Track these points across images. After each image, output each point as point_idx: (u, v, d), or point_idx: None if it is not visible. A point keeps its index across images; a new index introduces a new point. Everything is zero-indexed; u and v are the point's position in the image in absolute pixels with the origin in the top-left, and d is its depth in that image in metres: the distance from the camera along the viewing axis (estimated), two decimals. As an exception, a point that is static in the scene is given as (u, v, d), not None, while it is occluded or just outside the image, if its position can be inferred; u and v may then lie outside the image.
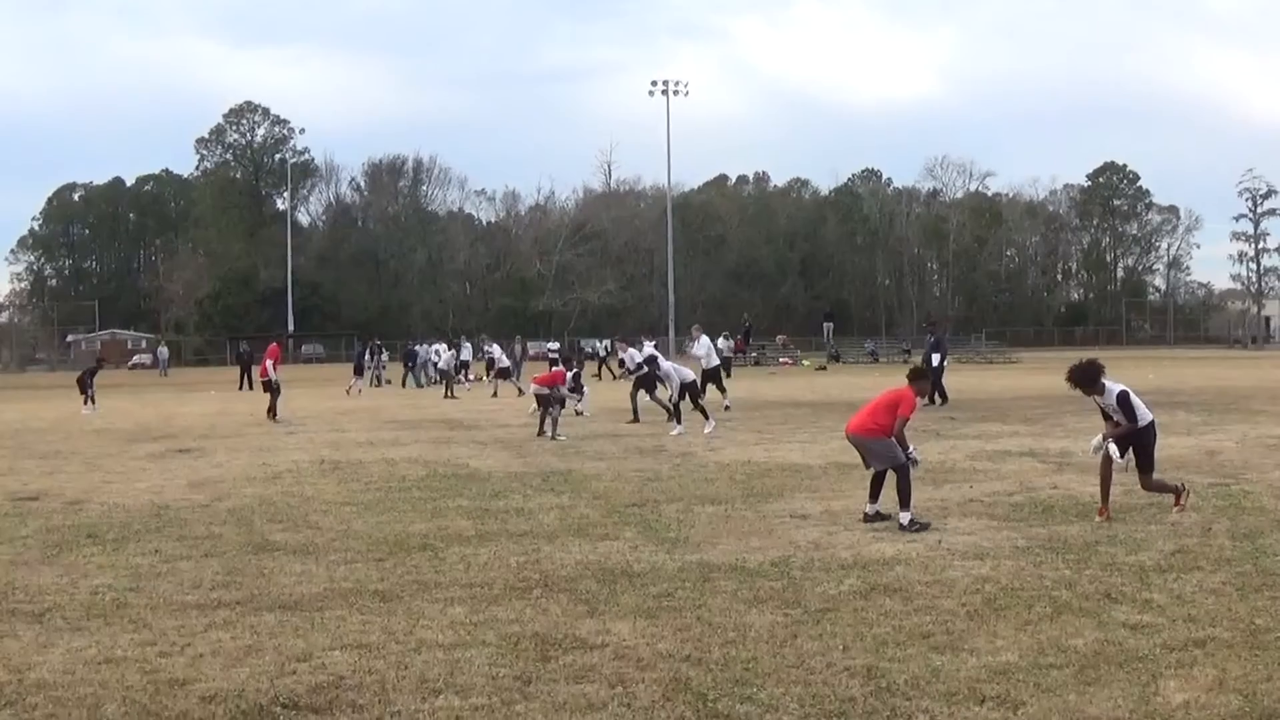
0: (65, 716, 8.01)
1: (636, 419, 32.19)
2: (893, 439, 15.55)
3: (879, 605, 10.37)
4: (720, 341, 39.80)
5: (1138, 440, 15.16)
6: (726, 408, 36.00)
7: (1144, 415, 15.13)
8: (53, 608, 11.19)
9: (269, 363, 38.04)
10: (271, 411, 36.06)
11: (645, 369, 33.55)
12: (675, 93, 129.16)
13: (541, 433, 28.02)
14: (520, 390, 46.88)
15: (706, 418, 28.48)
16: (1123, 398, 14.96)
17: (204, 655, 9.38)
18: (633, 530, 14.61)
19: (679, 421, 28.42)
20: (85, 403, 46.22)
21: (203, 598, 11.42)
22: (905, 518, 14.63)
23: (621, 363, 38.63)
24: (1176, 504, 15.22)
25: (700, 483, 18.98)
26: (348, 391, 53.54)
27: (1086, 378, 15.11)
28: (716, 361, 38.47)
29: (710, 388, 36.14)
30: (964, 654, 8.85)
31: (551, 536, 14.32)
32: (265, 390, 38.14)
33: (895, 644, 9.14)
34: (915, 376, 16.48)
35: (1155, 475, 15.48)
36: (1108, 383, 15.09)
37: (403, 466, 22.57)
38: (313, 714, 7.92)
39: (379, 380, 65.88)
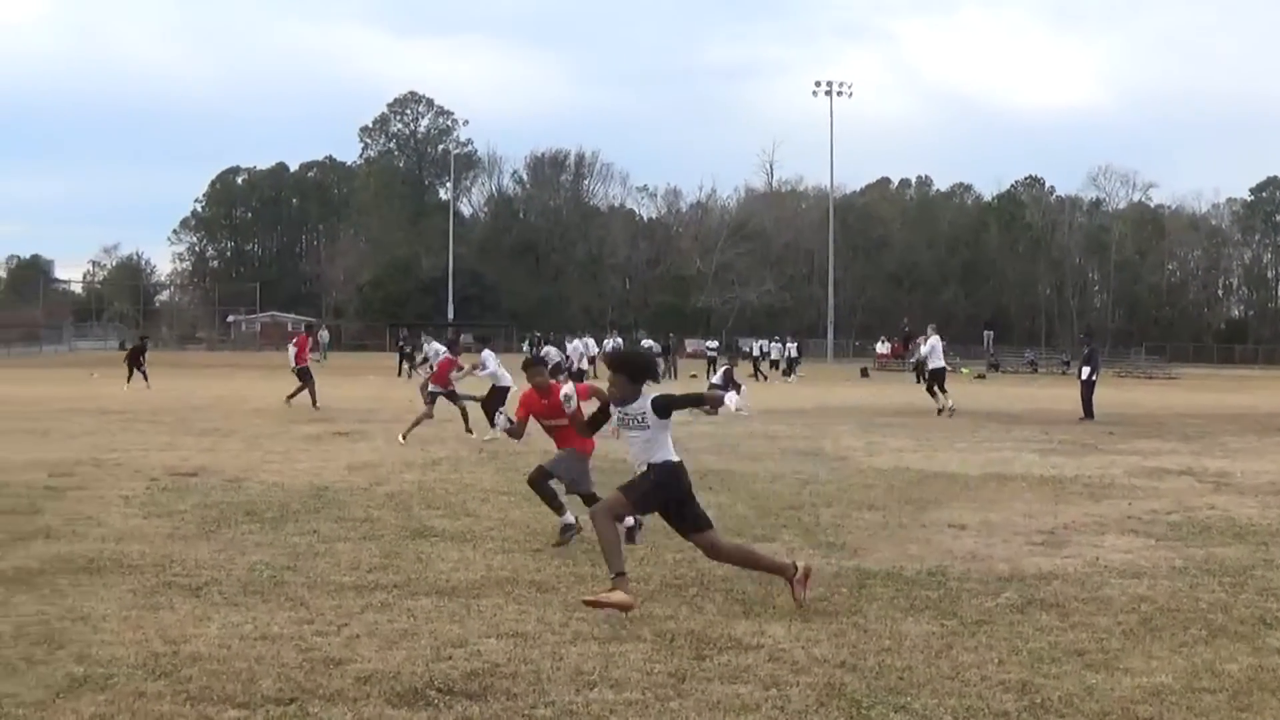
0: (220, 689, 8.10)
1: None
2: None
3: (1035, 620, 10.29)
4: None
5: (665, 485, 11.26)
6: (946, 411, 36.63)
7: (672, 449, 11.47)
8: (210, 582, 11.38)
9: (294, 350, 38.06)
10: (291, 397, 36.38)
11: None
12: (839, 94, 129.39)
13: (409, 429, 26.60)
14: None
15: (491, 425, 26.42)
16: (667, 399, 11.32)
17: (360, 636, 9.50)
18: (790, 533, 14.62)
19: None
20: (129, 378, 47.01)
21: (360, 579, 11.58)
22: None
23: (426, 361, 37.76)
24: (795, 587, 10.83)
25: (858, 488, 18.89)
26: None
27: (634, 370, 11.59)
28: (942, 363, 38.54)
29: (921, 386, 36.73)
30: (1118, 673, 8.76)
31: (708, 535, 14.29)
32: (300, 379, 37.37)
33: (1050, 660, 9.06)
34: (525, 365, 15.75)
35: (739, 542, 12.16)
36: (646, 389, 11.51)
37: (560, 459, 22.59)
38: (467, 700, 7.96)
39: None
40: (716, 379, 38.20)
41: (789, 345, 77.39)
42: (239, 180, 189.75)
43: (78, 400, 39.81)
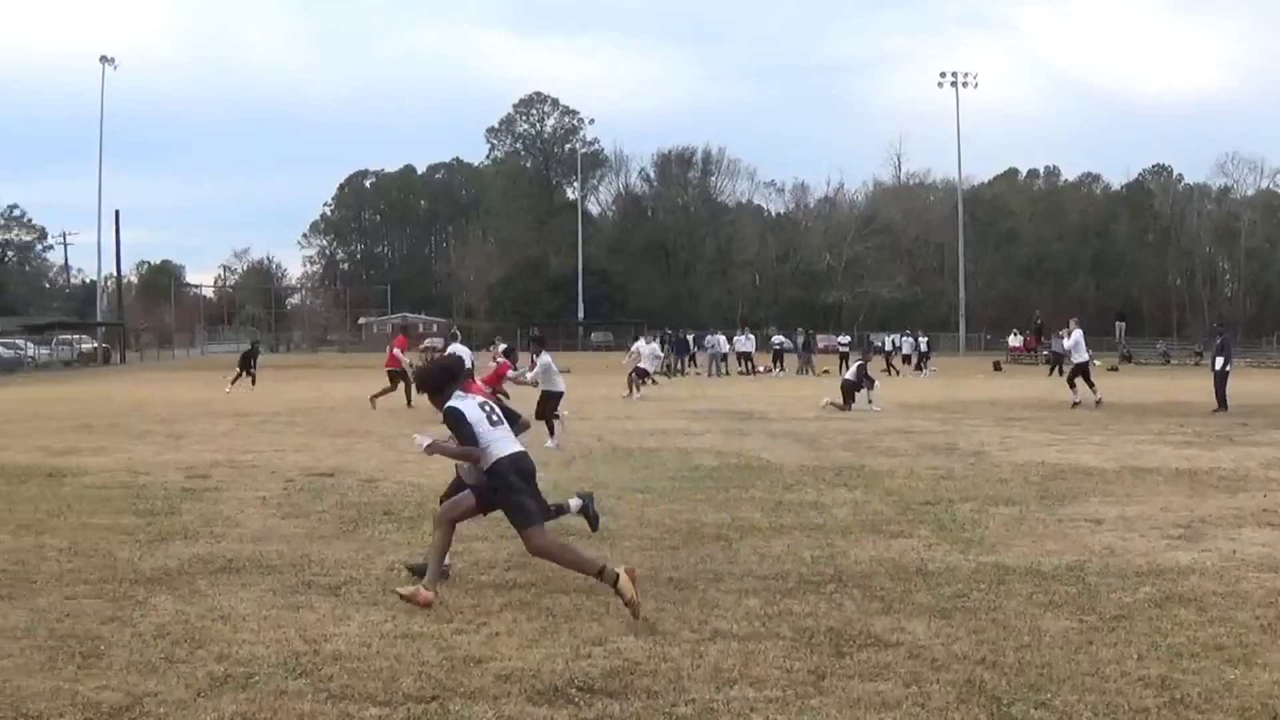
0: (361, 688, 8.24)
1: None
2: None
3: (1173, 615, 10.19)
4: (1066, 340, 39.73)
5: (493, 489, 10.96)
6: (1093, 402, 36.70)
7: (495, 449, 10.90)
8: (349, 581, 11.55)
9: (397, 351, 38.26)
10: (395, 395, 36.85)
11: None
12: (964, 84, 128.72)
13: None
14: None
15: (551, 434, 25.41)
16: (452, 416, 10.89)
17: (499, 634, 9.60)
18: (927, 528, 14.53)
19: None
20: (236, 379, 47.53)
21: (498, 578, 11.71)
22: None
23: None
24: (600, 575, 10.34)
25: (994, 483, 18.72)
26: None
27: (422, 387, 11.84)
28: (1085, 357, 38.49)
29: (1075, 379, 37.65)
30: (1257, 668, 8.68)
31: (845, 531, 14.28)
32: (393, 381, 37.62)
33: (1189, 655, 8.99)
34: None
35: (553, 539, 10.98)
36: (456, 399, 11.04)
37: (695, 456, 22.69)
38: (608, 698, 8.02)
39: (670, 370, 66.40)
40: (850, 375, 38.10)
41: (920, 340, 76.97)
42: (367, 183, 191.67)
43: (212, 402, 40.37)
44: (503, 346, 31.20)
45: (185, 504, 16.56)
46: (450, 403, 10.98)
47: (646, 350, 49.57)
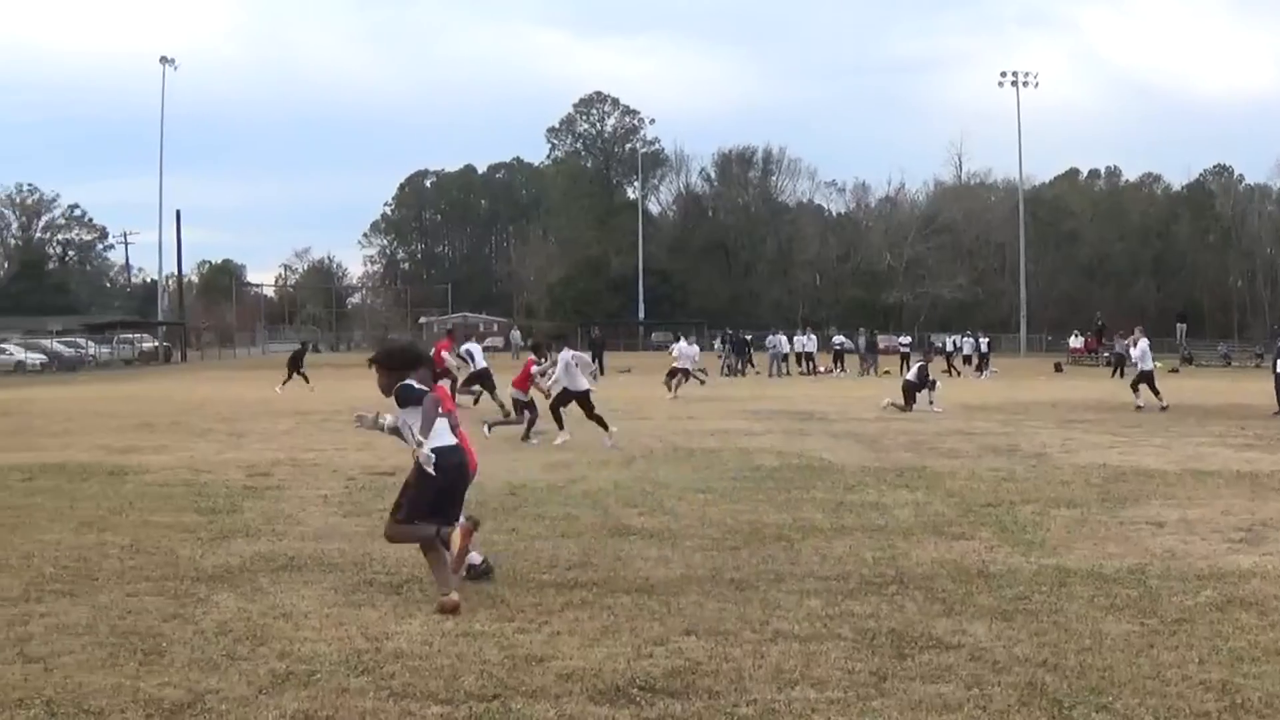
0: (422, 686, 8.24)
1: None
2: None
3: (1234, 619, 10.10)
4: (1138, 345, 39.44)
5: (416, 473, 11.32)
6: (1158, 406, 36.56)
7: (432, 436, 11.30)
8: (410, 580, 11.55)
9: (444, 354, 38.32)
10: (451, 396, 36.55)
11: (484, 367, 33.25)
12: (1025, 84, 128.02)
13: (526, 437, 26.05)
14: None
15: (606, 429, 25.46)
16: (404, 389, 11.41)
17: (561, 634, 9.59)
18: (988, 530, 14.47)
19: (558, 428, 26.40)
20: (286, 381, 47.73)
21: (559, 577, 11.66)
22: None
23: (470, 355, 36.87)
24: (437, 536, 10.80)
25: (1056, 485, 18.62)
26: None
27: (387, 360, 11.85)
28: (1150, 365, 38.44)
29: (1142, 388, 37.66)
30: (1319, 673, 8.62)
31: (907, 533, 14.24)
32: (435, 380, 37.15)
33: (1251, 659, 8.91)
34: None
35: (414, 526, 11.03)
36: (412, 380, 11.44)
37: (757, 456, 22.69)
38: (669, 698, 8.00)
39: (730, 369, 66.45)
40: (911, 375, 37.97)
41: (981, 340, 76.56)
42: (428, 183, 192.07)
43: (273, 401, 40.66)
44: (528, 342, 31.27)
45: (247, 502, 16.70)
46: (405, 382, 11.36)
47: (687, 351, 49.62)
